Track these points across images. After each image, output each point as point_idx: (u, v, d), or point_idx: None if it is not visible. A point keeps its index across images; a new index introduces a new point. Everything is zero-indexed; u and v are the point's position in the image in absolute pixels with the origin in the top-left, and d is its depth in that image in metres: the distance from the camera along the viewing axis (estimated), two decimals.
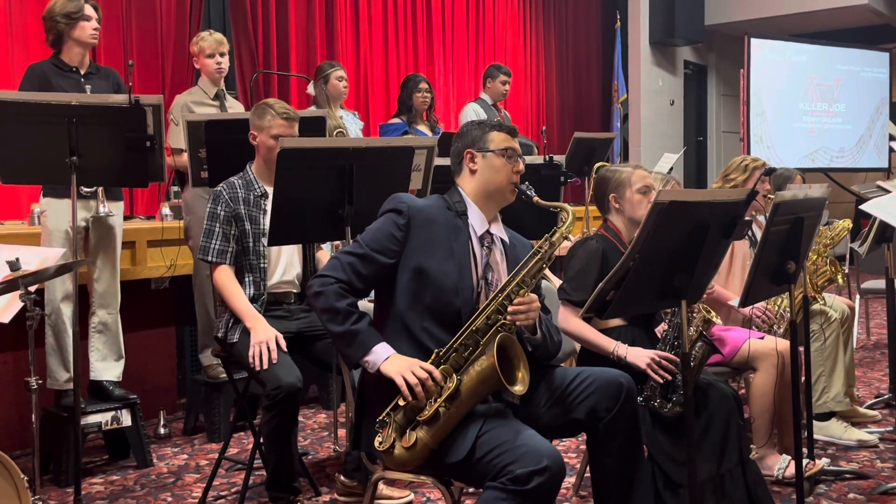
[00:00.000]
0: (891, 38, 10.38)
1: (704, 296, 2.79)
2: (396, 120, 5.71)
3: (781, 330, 3.46)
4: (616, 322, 2.85)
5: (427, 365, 2.19)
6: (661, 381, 2.67)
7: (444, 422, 2.14)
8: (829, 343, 3.78)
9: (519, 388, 2.17)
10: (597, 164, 3.44)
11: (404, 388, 2.15)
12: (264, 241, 3.12)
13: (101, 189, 3.56)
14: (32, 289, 2.64)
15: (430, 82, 5.83)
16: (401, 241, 2.30)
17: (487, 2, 8.56)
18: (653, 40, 9.84)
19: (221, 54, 4.28)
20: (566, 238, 2.34)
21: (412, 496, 3.26)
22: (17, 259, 2.63)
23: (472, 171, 2.42)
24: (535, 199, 2.39)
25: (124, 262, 3.91)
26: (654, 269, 2.24)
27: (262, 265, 3.15)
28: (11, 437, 3.75)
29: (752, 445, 3.15)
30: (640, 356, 2.71)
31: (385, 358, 2.22)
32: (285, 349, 2.96)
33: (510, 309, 2.23)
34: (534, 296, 2.28)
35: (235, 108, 4.42)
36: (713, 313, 2.76)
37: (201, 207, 3.61)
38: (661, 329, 2.87)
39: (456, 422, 2.15)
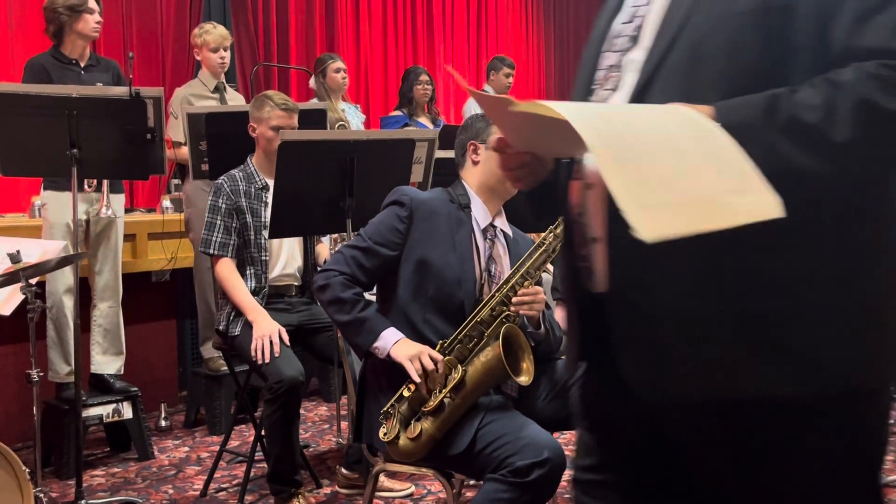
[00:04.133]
0: None
1: None
2: (397, 112, 5.70)
3: None
4: None
5: (435, 353, 2.19)
6: None
7: (449, 412, 2.15)
8: None
9: (524, 379, 2.18)
10: None
11: (413, 372, 2.16)
12: (265, 233, 3.12)
13: (105, 189, 3.55)
14: (33, 281, 2.64)
15: (430, 74, 5.83)
16: (403, 233, 2.31)
17: None
18: None
19: (225, 49, 4.27)
20: None
21: (413, 488, 3.26)
22: (18, 251, 2.63)
23: (476, 163, 2.42)
24: None
25: (125, 255, 3.91)
26: None
27: (263, 258, 3.15)
28: (13, 429, 3.75)
29: None
30: None
31: (394, 342, 2.22)
32: (288, 343, 2.96)
33: (514, 300, 2.23)
34: (538, 288, 2.28)
35: (235, 100, 4.41)
36: None
37: (202, 200, 3.61)
38: None
39: (461, 413, 2.16)
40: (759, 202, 1.01)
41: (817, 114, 1.09)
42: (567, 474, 3.22)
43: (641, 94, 1.23)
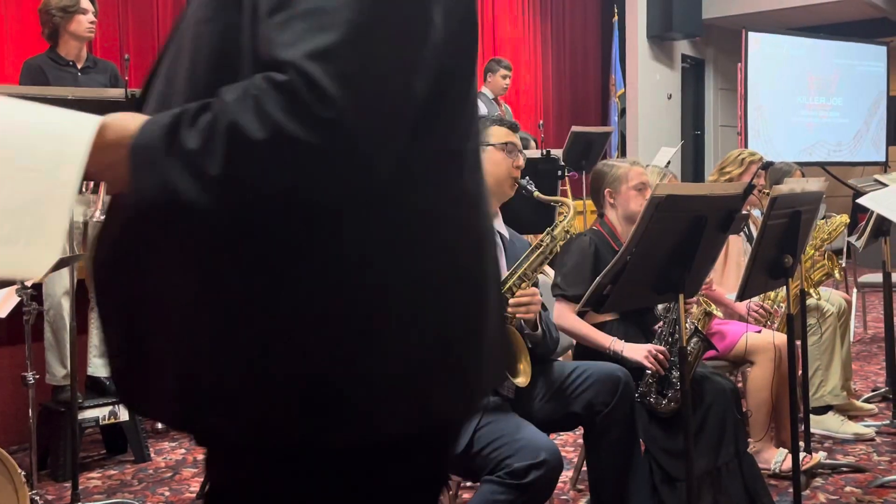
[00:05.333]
0: (888, 32, 10.39)
1: (703, 290, 2.79)
2: None
3: (776, 325, 3.46)
4: (608, 316, 2.84)
5: None
6: (661, 371, 2.67)
7: None
8: (826, 337, 3.78)
9: (521, 380, 2.18)
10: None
11: None
12: None
13: (101, 191, 3.53)
14: (29, 283, 2.63)
15: None
16: None
17: None
18: (650, 34, 9.84)
19: None
20: (567, 232, 2.34)
21: None
22: None
23: None
24: (536, 193, 2.40)
25: None
26: (651, 263, 2.24)
27: None
28: (8, 432, 3.74)
29: (749, 439, 3.15)
30: (637, 350, 2.71)
31: None
32: None
33: (512, 302, 2.23)
34: (535, 289, 2.29)
35: None
36: (713, 306, 2.76)
37: None
38: (657, 327, 2.88)
39: None
40: (24, 258, 0.88)
41: (199, 139, 0.89)
42: (564, 475, 3.23)
43: (141, 102, 1.14)
